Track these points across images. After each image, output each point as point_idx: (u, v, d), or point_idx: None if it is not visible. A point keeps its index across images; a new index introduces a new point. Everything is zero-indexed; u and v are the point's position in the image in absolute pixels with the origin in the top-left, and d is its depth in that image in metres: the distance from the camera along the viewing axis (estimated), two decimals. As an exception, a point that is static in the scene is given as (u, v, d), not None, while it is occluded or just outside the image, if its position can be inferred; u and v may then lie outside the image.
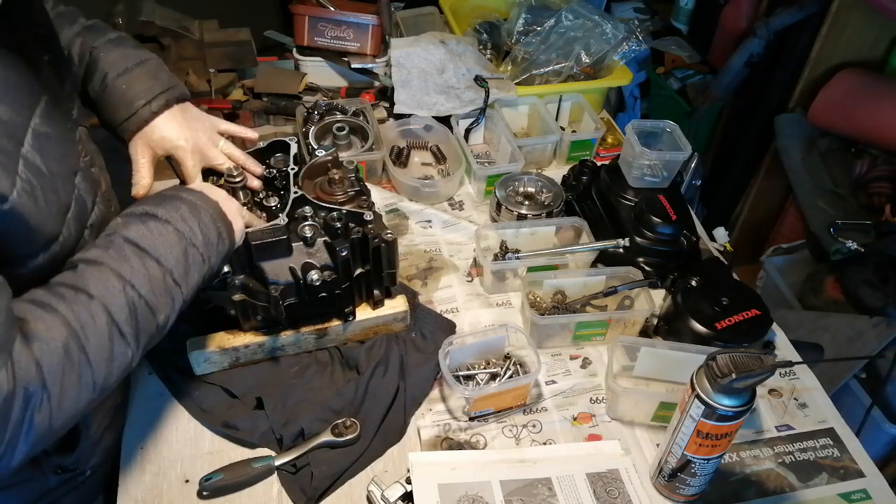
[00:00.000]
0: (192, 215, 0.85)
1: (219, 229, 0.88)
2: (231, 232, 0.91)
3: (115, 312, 0.73)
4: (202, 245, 0.85)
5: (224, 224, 0.90)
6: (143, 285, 0.77)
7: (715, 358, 0.85)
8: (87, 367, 0.70)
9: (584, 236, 1.35)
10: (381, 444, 1.06)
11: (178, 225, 0.83)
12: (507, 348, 1.18)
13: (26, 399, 0.64)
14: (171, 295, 0.81)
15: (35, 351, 0.66)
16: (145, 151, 1.02)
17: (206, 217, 0.87)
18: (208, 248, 0.86)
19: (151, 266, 0.79)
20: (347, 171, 1.14)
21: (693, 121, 2.51)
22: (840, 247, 1.87)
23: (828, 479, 1.08)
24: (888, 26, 2.01)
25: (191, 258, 0.83)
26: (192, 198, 0.88)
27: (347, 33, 1.73)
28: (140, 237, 0.80)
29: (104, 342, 0.72)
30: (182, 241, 0.83)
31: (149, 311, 0.77)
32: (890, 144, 1.95)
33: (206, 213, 0.87)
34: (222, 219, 0.90)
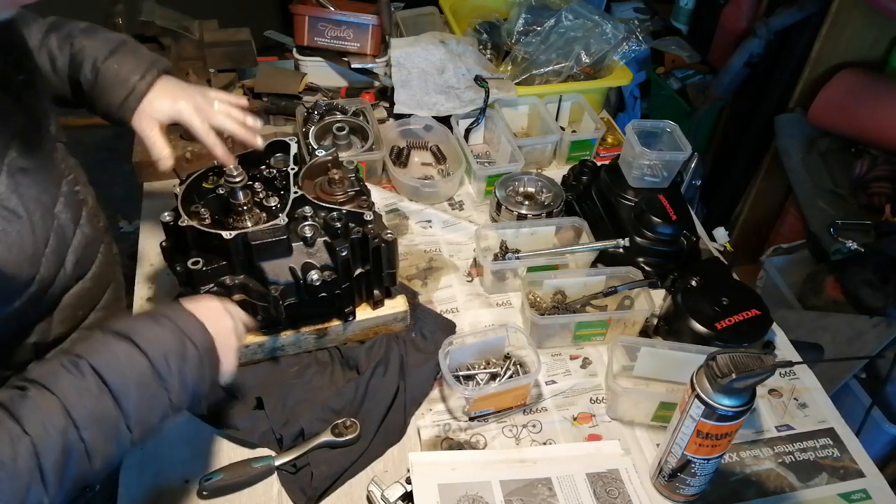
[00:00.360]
0: (177, 357, 0.75)
1: (202, 374, 0.78)
2: (216, 374, 0.82)
3: (43, 456, 0.64)
4: (176, 393, 0.75)
5: (210, 369, 0.80)
6: (89, 428, 0.68)
7: (715, 358, 0.85)
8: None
9: (584, 236, 1.35)
10: (381, 444, 1.06)
11: (157, 363, 0.73)
12: (507, 348, 1.18)
13: None
14: (117, 441, 0.71)
15: None
16: (152, 124, 1.01)
17: (192, 361, 0.77)
18: (182, 393, 0.76)
19: (107, 406, 0.69)
20: (347, 171, 1.14)
21: (693, 121, 2.51)
22: (840, 247, 1.87)
23: (828, 479, 1.08)
24: (888, 26, 2.01)
25: (156, 403, 0.74)
26: (186, 326, 0.78)
27: (347, 33, 1.73)
28: (107, 368, 0.70)
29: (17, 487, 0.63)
30: (153, 387, 0.73)
31: (85, 458, 0.68)
32: (890, 144, 1.95)
33: (193, 356, 0.77)
34: (211, 361, 0.80)
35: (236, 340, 0.86)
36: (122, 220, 2.56)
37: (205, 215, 1.04)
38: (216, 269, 1.01)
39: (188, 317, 0.79)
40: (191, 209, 1.04)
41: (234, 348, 0.85)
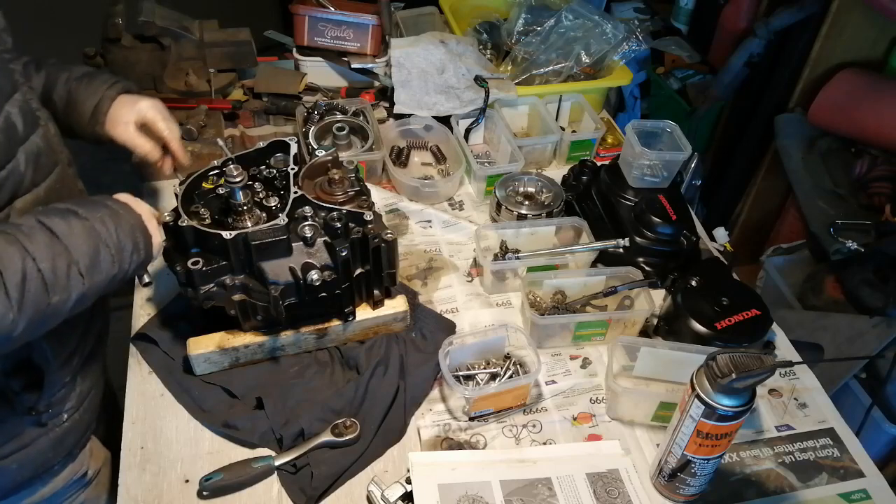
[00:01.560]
0: (112, 220, 0.90)
1: (136, 238, 0.92)
2: (149, 245, 0.96)
3: (5, 273, 0.76)
4: (115, 248, 0.89)
5: (143, 236, 0.94)
6: (44, 262, 0.79)
7: (715, 358, 0.85)
8: None
9: (584, 236, 1.35)
10: (381, 444, 1.06)
11: (96, 224, 0.87)
12: (507, 348, 1.18)
13: None
14: (71, 282, 0.83)
15: None
16: (126, 127, 1.12)
17: (126, 225, 0.91)
18: (121, 252, 0.89)
19: (58, 250, 0.82)
20: (347, 171, 1.14)
21: (693, 121, 2.51)
22: (840, 247, 1.87)
23: (828, 479, 1.08)
24: (888, 26, 2.01)
25: (101, 256, 0.87)
26: (116, 206, 0.93)
27: (347, 33, 1.73)
28: (55, 225, 0.83)
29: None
30: (95, 239, 0.86)
31: (43, 287, 0.79)
32: (890, 144, 1.95)
33: (126, 221, 0.92)
34: (142, 230, 0.94)
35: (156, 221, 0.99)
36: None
37: (205, 215, 1.04)
38: (216, 269, 1.01)
39: (113, 200, 0.94)
40: (191, 209, 1.04)
41: (156, 227, 0.98)
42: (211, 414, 1.08)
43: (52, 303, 0.81)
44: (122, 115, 1.12)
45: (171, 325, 1.17)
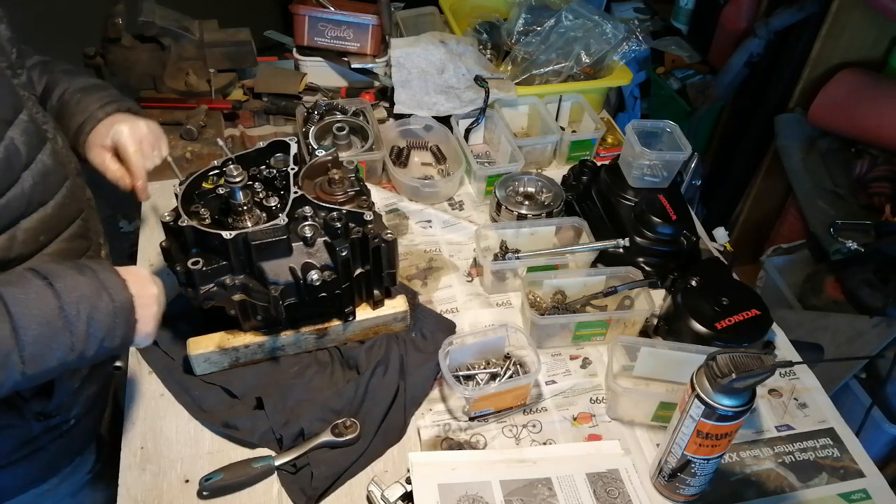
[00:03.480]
0: (90, 301, 0.79)
1: (111, 326, 0.81)
2: (128, 334, 0.84)
3: None
4: (80, 337, 0.78)
5: (124, 324, 0.82)
6: None
7: (715, 358, 0.85)
8: None
9: (584, 236, 1.35)
10: (381, 444, 1.06)
11: (67, 306, 0.76)
12: (507, 348, 1.18)
13: None
14: (5, 368, 0.73)
15: None
16: (100, 152, 1.07)
17: (105, 308, 0.80)
18: (87, 340, 0.79)
19: (4, 333, 0.72)
20: (347, 171, 1.14)
21: (693, 121, 2.51)
22: (840, 247, 1.87)
23: (828, 479, 1.08)
24: (888, 26, 2.01)
25: (56, 343, 0.76)
26: (109, 281, 0.82)
27: (347, 33, 1.73)
28: (14, 299, 0.74)
29: None
30: (57, 323, 0.76)
31: None
32: (890, 144, 1.95)
33: (107, 304, 0.80)
34: (125, 317, 0.82)
35: (158, 308, 0.88)
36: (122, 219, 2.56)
37: (205, 215, 1.04)
38: (216, 269, 1.01)
39: (112, 273, 0.83)
40: (191, 209, 1.04)
41: (154, 315, 0.87)
42: (211, 414, 1.08)
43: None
44: (98, 138, 1.07)
45: (171, 325, 1.17)
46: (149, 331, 0.87)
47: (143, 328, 0.85)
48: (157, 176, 1.45)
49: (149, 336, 0.87)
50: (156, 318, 0.88)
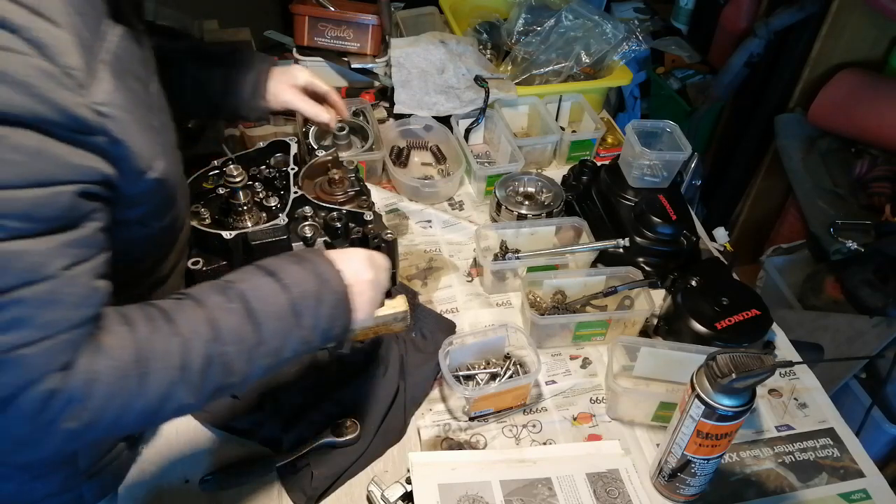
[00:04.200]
0: (314, 295, 0.79)
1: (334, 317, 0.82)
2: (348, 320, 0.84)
3: (190, 358, 0.70)
4: (308, 328, 0.79)
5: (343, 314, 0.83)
6: (231, 344, 0.73)
7: (715, 358, 0.85)
8: (138, 398, 0.67)
9: (584, 236, 1.35)
10: (381, 444, 1.06)
11: (295, 301, 0.78)
12: (507, 348, 1.18)
13: (65, 402, 0.63)
14: (253, 363, 0.76)
15: (97, 363, 0.64)
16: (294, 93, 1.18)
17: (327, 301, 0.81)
18: (314, 332, 0.80)
19: (247, 329, 0.74)
20: (347, 171, 1.14)
21: (693, 121, 2.51)
22: (840, 247, 1.87)
23: (828, 479, 1.08)
24: (888, 26, 2.00)
25: (289, 336, 0.78)
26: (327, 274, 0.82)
27: (347, 33, 1.73)
28: (252, 296, 0.76)
29: (165, 381, 0.68)
30: (289, 318, 0.78)
31: (224, 370, 0.73)
32: (890, 144, 1.95)
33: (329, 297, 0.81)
34: (344, 307, 0.83)
35: (374, 293, 0.88)
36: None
37: (205, 215, 1.04)
38: (216, 269, 1.01)
39: (328, 265, 0.83)
40: (191, 209, 1.04)
41: (369, 300, 0.87)
42: (211, 414, 1.08)
43: (231, 383, 0.75)
44: (282, 86, 1.16)
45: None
46: (364, 316, 0.87)
47: (359, 315, 0.85)
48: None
49: (365, 320, 0.88)
50: (372, 303, 0.88)
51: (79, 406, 0.63)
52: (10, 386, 0.60)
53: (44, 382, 0.61)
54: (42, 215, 0.60)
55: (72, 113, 0.60)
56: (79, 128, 0.61)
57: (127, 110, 0.67)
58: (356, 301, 0.84)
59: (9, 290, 0.59)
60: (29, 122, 0.57)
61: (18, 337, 0.59)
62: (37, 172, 0.59)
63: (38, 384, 0.60)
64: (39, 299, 0.60)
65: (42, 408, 0.61)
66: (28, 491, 0.86)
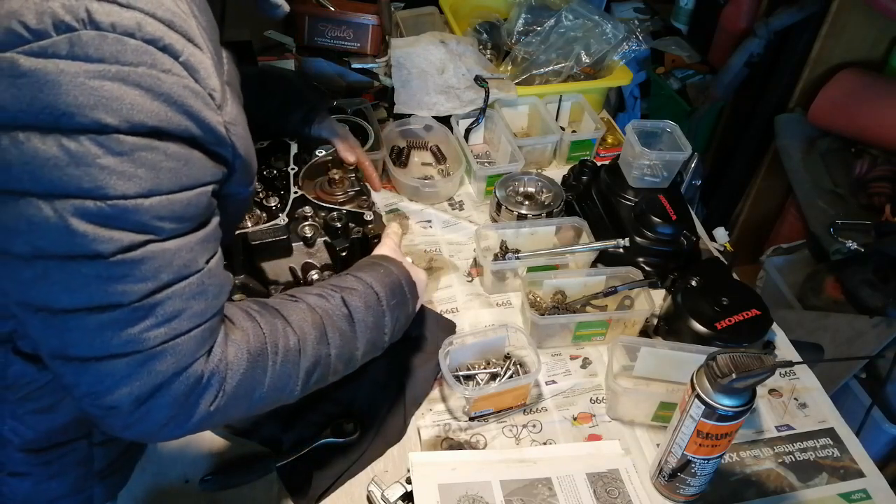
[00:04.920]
0: (401, 309, 0.92)
1: (408, 316, 0.95)
2: (414, 311, 0.97)
3: (304, 356, 0.78)
4: (390, 331, 0.90)
5: (412, 298, 0.95)
6: (337, 348, 0.81)
7: (715, 358, 0.85)
8: (260, 385, 0.74)
9: (584, 236, 1.35)
10: (381, 444, 1.06)
11: (388, 309, 0.89)
12: (507, 348, 1.18)
13: (206, 385, 0.69)
14: (350, 365, 0.85)
15: (230, 351, 0.71)
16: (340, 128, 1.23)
17: (407, 304, 0.94)
18: (392, 333, 0.91)
19: (350, 335, 0.84)
20: (347, 171, 1.14)
21: (693, 121, 2.51)
22: (840, 247, 1.87)
23: (828, 479, 1.08)
24: (888, 26, 2.00)
25: (378, 339, 0.89)
26: (410, 290, 0.94)
27: (347, 33, 1.73)
28: (354, 304, 0.85)
29: (282, 376, 0.76)
30: (380, 323, 0.88)
31: (327, 372, 0.82)
32: (890, 144, 1.95)
33: (408, 301, 0.94)
34: (412, 290, 0.95)
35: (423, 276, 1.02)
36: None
37: (205, 215, 1.04)
38: (216, 269, 1.01)
39: (411, 283, 0.95)
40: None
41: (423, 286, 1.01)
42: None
43: (326, 381, 0.83)
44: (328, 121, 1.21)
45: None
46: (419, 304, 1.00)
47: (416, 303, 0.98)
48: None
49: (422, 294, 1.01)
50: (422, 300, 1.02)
51: (218, 388, 0.70)
52: (164, 374, 0.65)
53: (193, 368, 0.67)
54: (190, 215, 0.66)
55: (213, 128, 0.66)
56: (217, 140, 0.68)
57: (243, 128, 0.74)
58: (417, 304, 0.97)
59: (168, 286, 0.64)
60: (182, 135, 0.63)
61: (175, 328, 0.65)
62: (186, 178, 0.64)
63: (188, 370, 0.67)
64: (192, 292, 0.66)
65: (190, 391, 0.67)
66: (43, 490, 0.88)
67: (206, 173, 0.68)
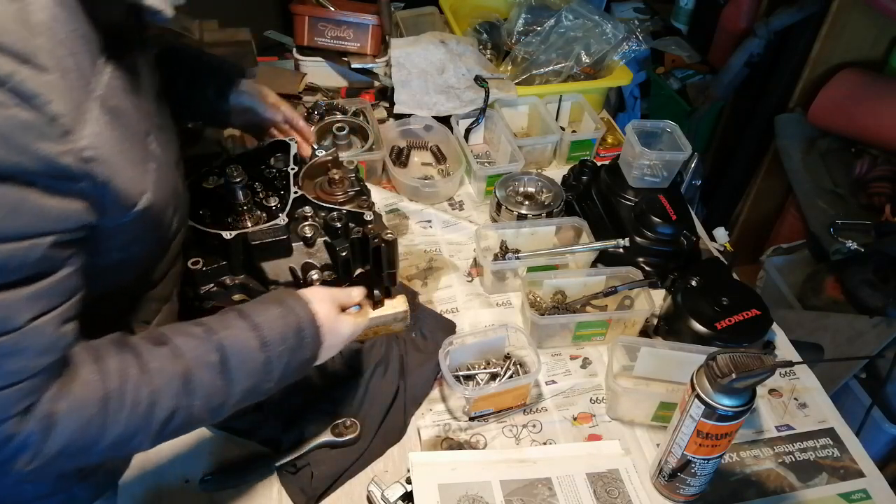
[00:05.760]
0: (290, 354, 0.80)
1: (302, 371, 0.84)
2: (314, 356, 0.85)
3: (157, 410, 0.70)
4: (274, 382, 0.80)
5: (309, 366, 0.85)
6: (200, 400, 0.73)
7: (715, 358, 0.85)
8: (96, 444, 0.67)
9: (584, 236, 1.35)
10: (381, 444, 1.06)
11: (273, 358, 0.78)
12: (507, 348, 1.18)
13: (20, 446, 0.63)
14: (215, 415, 0.77)
15: (60, 406, 0.64)
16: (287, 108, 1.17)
17: (300, 359, 0.82)
18: (278, 384, 0.81)
19: (220, 386, 0.75)
20: (347, 171, 1.14)
21: (693, 121, 2.51)
22: (840, 247, 1.87)
23: (828, 479, 1.08)
24: (888, 26, 2.00)
25: (257, 391, 0.79)
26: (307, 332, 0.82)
27: (347, 33, 1.73)
28: (232, 351, 0.75)
29: (127, 428, 0.68)
30: (261, 373, 0.78)
31: (186, 422, 0.74)
32: (890, 144, 1.95)
33: (304, 355, 0.82)
34: (313, 362, 0.85)
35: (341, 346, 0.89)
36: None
37: (205, 215, 1.04)
38: (216, 269, 1.01)
39: (313, 325, 0.83)
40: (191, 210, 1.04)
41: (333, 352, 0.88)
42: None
43: (187, 431, 0.76)
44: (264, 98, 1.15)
45: (171, 325, 1.17)
46: (343, 339, 0.89)
47: (328, 340, 0.86)
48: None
49: (341, 344, 0.89)
50: (335, 351, 0.89)
51: (34, 450, 0.63)
52: None
53: (2, 427, 0.61)
54: (13, 267, 0.58)
55: (54, 162, 0.58)
56: (62, 175, 0.59)
57: (115, 149, 0.66)
58: (322, 355, 0.86)
59: None
60: (8, 175, 0.56)
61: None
62: (14, 226, 0.57)
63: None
64: (2, 352, 0.60)
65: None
66: (18, 493, 0.86)
67: (45, 221, 0.60)
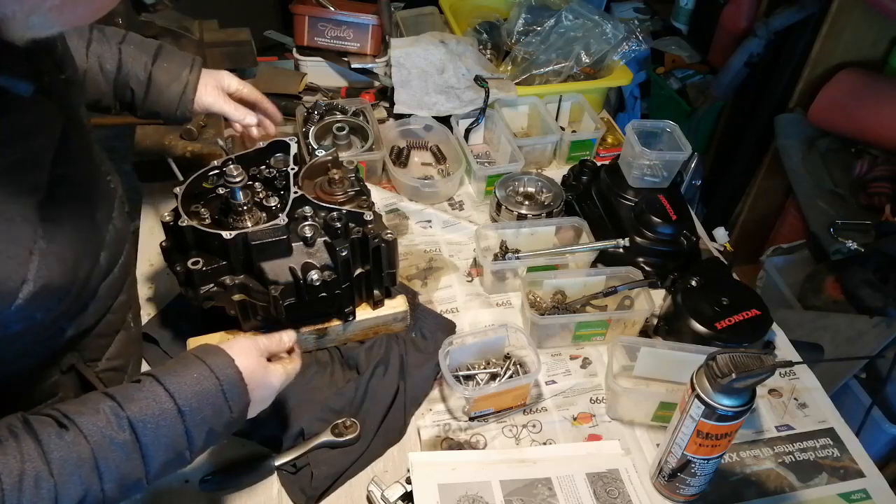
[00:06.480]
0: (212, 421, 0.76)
1: (225, 434, 0.80)
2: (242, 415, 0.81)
3: (62, 496, 0.65)
4: (196, 451, 0.76)
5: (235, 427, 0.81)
6: (112, 482, 0.69)
7: (715, 358, 0.85)
8: None
9: (584, 236, 1.35)
10: (381, 444, 1.06)
11: (191, 429, 0.74)
12: (507, 348, 1.18)
13: None
14: (134, 490, 0.72)
15: None
16: (219, 96, 1.17)
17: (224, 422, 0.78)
18: (199, 452, 0.77)
19: (134, 464, 0.71)
20: (347, 171, 1.14)
21: (693, 121, 2.51)
22: (840, 247, 1.87)
23: (828, 479, 1.08)
24: (888, 26, 2.01)
25: (176, 465, 0.75)
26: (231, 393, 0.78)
27: (347, 33, 1.73)
28: (144, 432, 0.71)
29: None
30: (180, 446, 0.74)
31: (97, 499, 0.68)
32: (890, 144, 1.95)
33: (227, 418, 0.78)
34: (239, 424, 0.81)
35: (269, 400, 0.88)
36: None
37: (205, 215, 1.04)
38: (216, 269, 1.01)
39: (237, 386, 0.79)
40: (191, 209, 1.04)
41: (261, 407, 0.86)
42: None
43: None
44: (208, 88, 1.15)
45: (171, 324, 1.17)
46: (274, 389, 0.87)
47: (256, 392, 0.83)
48: (157, 176, 1.46)
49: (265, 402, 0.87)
50: (267, 403, 0.87)
51: None
52: None
53: None
54: None
55: None
56: None
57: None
58: (250, 412, 0.83)
59: None
60: None
61: None
62: None
63: None
64: None
65: None
66: None
67: None
